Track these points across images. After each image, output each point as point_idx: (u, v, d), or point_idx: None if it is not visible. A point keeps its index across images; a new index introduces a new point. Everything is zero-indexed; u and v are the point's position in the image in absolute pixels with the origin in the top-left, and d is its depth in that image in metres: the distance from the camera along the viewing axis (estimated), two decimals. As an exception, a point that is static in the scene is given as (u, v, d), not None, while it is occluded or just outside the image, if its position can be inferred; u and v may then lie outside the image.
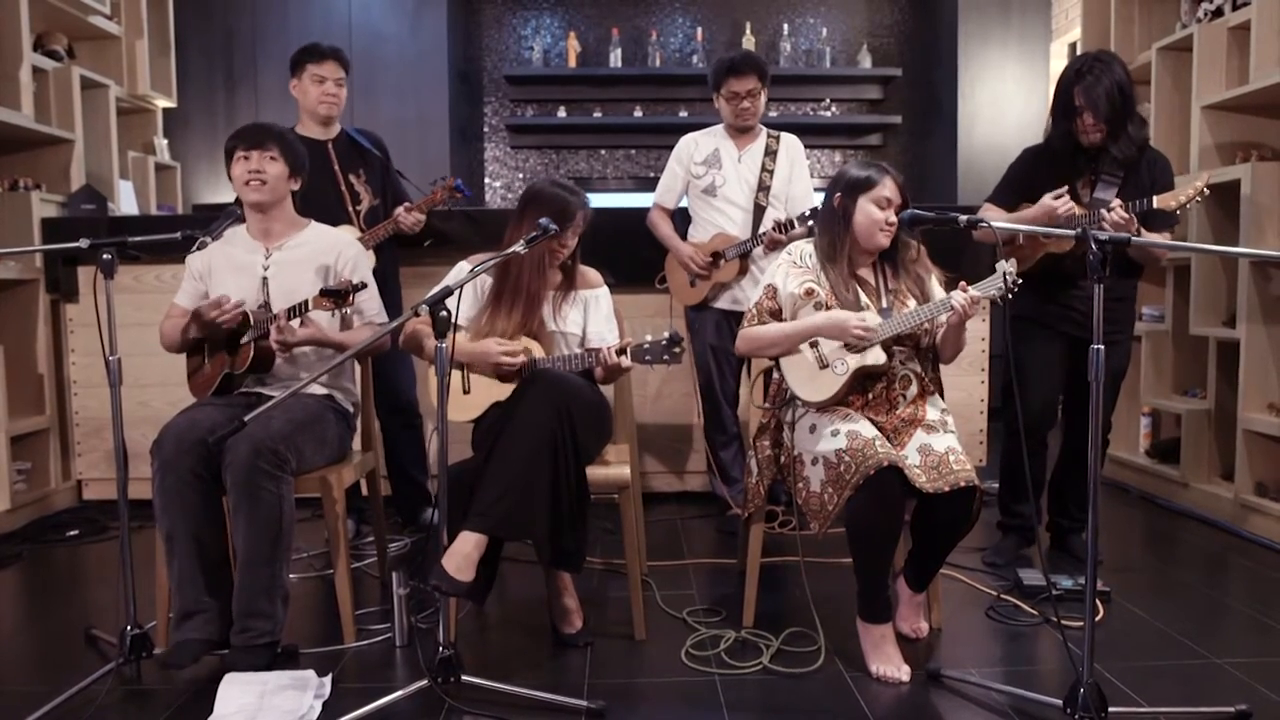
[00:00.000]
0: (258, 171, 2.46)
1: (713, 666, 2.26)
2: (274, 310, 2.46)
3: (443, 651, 2.03)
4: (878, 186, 2.32)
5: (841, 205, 2.36)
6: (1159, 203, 2.60)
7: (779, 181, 3.28)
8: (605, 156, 6.63)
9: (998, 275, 2.12)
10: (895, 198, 2.32)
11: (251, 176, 2.46)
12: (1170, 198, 2.60)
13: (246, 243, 2.56)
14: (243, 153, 2.47)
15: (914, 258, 2.42)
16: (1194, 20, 3.85)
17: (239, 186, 2.50)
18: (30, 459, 3.75)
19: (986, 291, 2.16)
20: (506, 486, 2.12)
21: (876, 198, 2.32)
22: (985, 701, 2.06)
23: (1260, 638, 2.44)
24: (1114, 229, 2.54)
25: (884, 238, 2.33)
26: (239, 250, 2.56)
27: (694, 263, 3.27)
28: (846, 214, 2.35)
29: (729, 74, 3.21)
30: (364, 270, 2.60)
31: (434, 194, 3.15)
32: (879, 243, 2.34)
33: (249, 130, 2.52)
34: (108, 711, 2.06)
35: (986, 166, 5.65)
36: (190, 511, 2.21)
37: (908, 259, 2.41)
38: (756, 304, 2.42)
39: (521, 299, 2.41)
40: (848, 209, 2.35)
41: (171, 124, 5.37)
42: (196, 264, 2.58)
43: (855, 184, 2.35)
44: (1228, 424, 3.53)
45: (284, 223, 2.56)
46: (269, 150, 2.47)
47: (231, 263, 2.54)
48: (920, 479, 2.13)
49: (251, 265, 2.53)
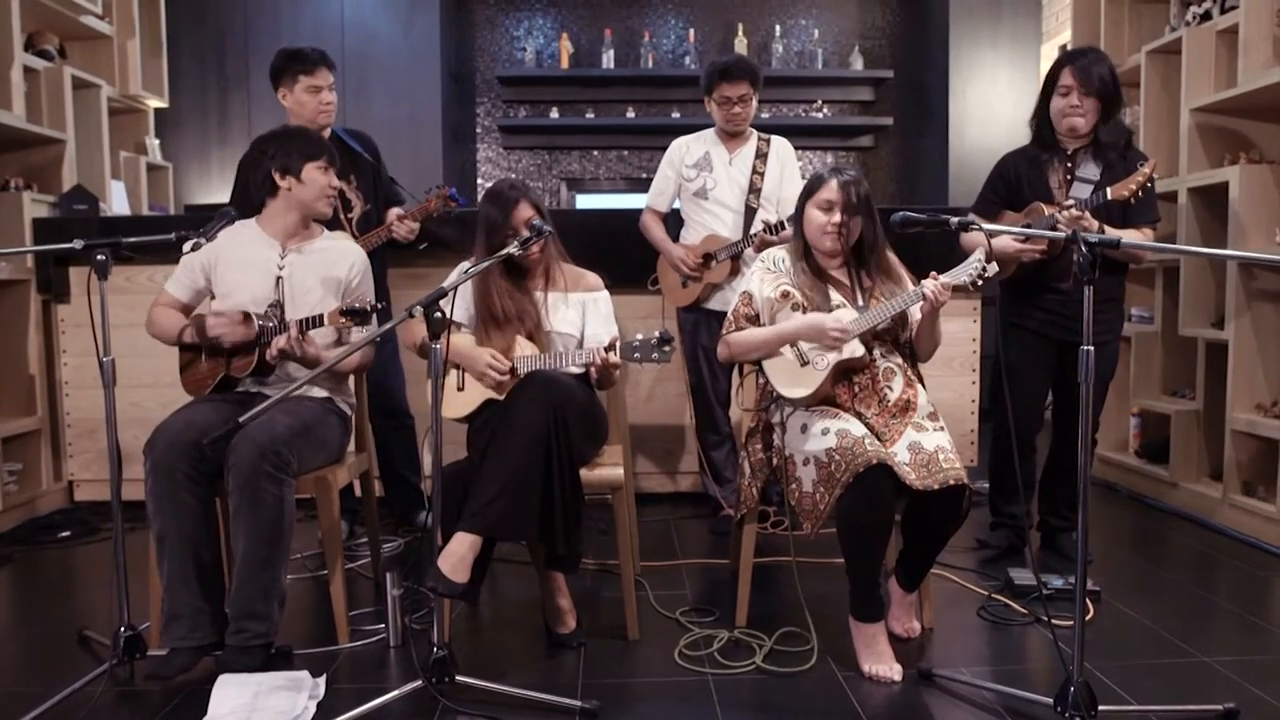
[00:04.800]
0: (335, 190, 2.54)
1: (706, 666, 2.27)
2: (285, 310, 2.44)
3: (437, 652, 2.04)
4: (820, 190, 2.36)
5: (799, 208, 2.42)
6: (1113, 193, 2.65)
7: (770, 184, 3.29)
8: (598, 157, 6.63)
9: (968, 262, 2.14)
10: (837, 199, 2.33)
11: (332, 194, 2.53)
12: (1122, 186, 2.65)
13: (260, 238, 2.51)
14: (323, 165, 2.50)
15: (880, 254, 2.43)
16: (1183, 23, 3.88)
17: (317, 194, 2.50)
18: (21, 460, 3.74)
19: (957, 277, 2.18)
20: (501, 488, 2.13)
21: (819, 201, 2.36)
22: (977, 700, 2.08)
23: (1248, 636, 2.46)
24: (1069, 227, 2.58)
25: (829, 240, 2.35)
26: (250, 245, 2.50)
27: (685, 264, 3.28)
28: (801, 216, 2.41)
29: (721, 79, 3.22)
30: (370, 287, 2.60)
31: (428, 202, 3.12)
32: (824, 245, 2.37)
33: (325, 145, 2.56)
34: (101, 712, 2.06)
35: (977, 168, 5.61)
36: (183, 513, 2.20)
37: (876, 256, 2.42)
38: (734, 311, 2.45)
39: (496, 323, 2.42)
40: (801, 212, 2.41)
41: (163, 124, 5.35)
42: (198, 258, 2.51)
43: (806, 188, 2.41)
44: (1216, 424, 3.56)
45: (306, 223, 2.56)
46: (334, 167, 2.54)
47: (241, 258, 2.49)
48: (910, 476, 2.14)
49: (265, 262, 2.49)
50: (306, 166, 2.47)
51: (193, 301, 2.56)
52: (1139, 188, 2.62)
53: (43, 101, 4.06)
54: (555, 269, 2.53)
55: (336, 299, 2.49)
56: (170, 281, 2.56)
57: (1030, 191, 2.87)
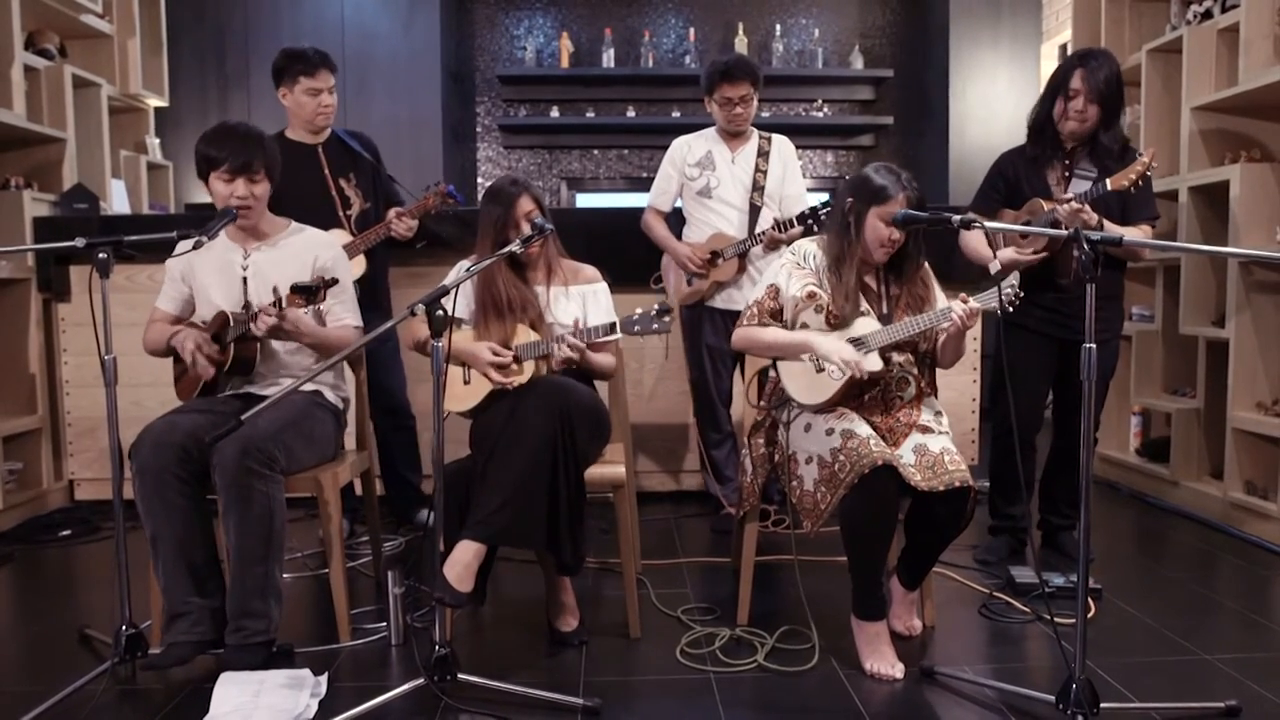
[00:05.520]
0: (245, 198, 2.40)
1: (708, 664, 2.27)
2: (252, 308, 2.43)
3: (438, 650, 2.03)
4: (890, 203, 2.24)
5: (854, 211, 2.30)
6: (1112, 183, 2.65)
7: (773, 182, 3.30)
8: (598, 156, 6.63)
9: (1002, 285, 2.11)
10: None
11: (241, 203, 2.40)
12: (1122, 176, 2.65)
13: (225, 243, 2.53)
14: (225, 175, 2.38)
15: (918, 266, 2.38)
16: (1183, 22, 3.88)
17: (221, 204, 2.41)
18: (22, 459, 3.74)
19: (987, 304, 2.15)
20: (506, 496, 2.12)
21: (885, 214, 2.24)
22: (978, 698, 2.08)
23: (1249, 634, 2.46)
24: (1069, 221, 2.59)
25: (883, 254, 2.30)
26: (219, 250, 2.52)
27: (692, 262, 3.28)
28: (858, 221, 2.29)
29: (722, 79, 3.21)
30: (343, 270, 2.57)
31: (426, 200, 3.12)
32: (879, 258, 2.31)
33: (229, 147, 2.38)
34: (103, 711, 2.06)
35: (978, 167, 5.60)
36: (173, 514, 2.20)
37: (912, 268, 2.37)
38: (757, 303, 2.40)
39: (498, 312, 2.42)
40: (860, 216, 2.29)
41: (164, 123, 5.35)
42: (177, 267, 2.54)
43: (871, 193, 2.27)
44: (1217, 423, 3.56)
45: (265, 224, 2.54)
46: (256, 174, 2.41)
47: (212, 263, 2.51)
48: (915, 477, 2.14)
49: (230, 265, 2.51)
50: (210, 176, 2.43)
51: (182, 312, 2.58)
52: (1139, 177, 2.62)
53: (43, 100, 4.06)
54: (555, 264, 2.54)
55: None
56: (160, 297, 2.59)
57: (1029, 188, 2.87)
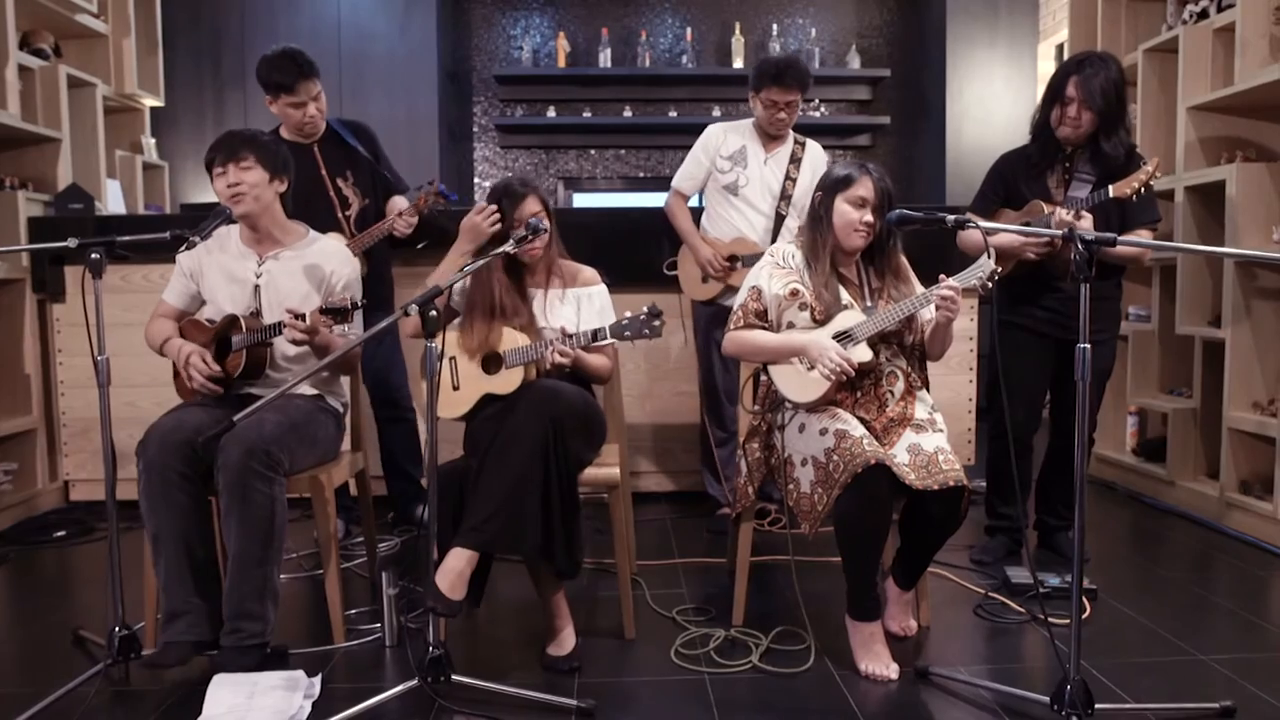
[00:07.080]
0: (235, 184, 2.41)
1: (702, 665, 2.26)
2: (264, 317, 2.45)
3: (433, 651, 2.03)
4: (854, 186, 2.31)
5: (823, 204, 2.37)
6: (1114, 190, 2.64)
7: (800, 191, 3.27)
8: (595, 156, 6.63)
9: (977, 265, 2.14)
10: (871, 197, 2.30)
11: (232, 190, 2.41)
12: (1125, 184, 2.64)
13: (239, 249, 2.53)
14: (219, 168, 2.43)
15: (895, 253, 2.41)
16: (1179, 22, 3.88)
17: (225, 202, 2.45)
18: (17, 460, 3.73)
19: (966, 281, 2.17)
20: (499, 504, 2.11)
21: (851, 197, 2.31)
22: (973, 699, 2.08)
23: (1245, 634, 2.46)
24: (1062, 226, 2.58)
25: (859, 238, 2.33)
26: (231, 256, 2.52)
27: (712, 266, 3.27)
28: (827, 212, 2.35)
29: (773, 83, 3.17)
30: (356, 287, 2.57)
31: (419, 199, 3.13)
32: (854, 244, 2.33)
33: (221, 142, 2.45)
34: (96, 713, 2.05)
35: (975, 167, 5.64)
36: (176, 512, 2.20)
37: (893, 258, 2.41)
38: (741, 306, 2.41)
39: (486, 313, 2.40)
40: (828, 207, 2.35)
41: (159, 123, 5.34)
42: (187, 262, 2.55)
43: (834, 183, 2.35)
44: (1213, 423, 3.56)
45: (278, 229, 2.52)
46: (243, 160, 2.42)
47: (223, 269, 2.51)
48: (909, 476, 2.14)
49: (244, 272, 2.51)
50: (212, 178, 2.46)
51: (188, 307, 2.58)
52: (1141, 185, 2.61)
53: (38, 100, 4.05)
54: (555, 267, 2.52)
55: (320, 298, 2.48)
56: (166, 290, 2.59)
57: (1028, 190, 2.87)
